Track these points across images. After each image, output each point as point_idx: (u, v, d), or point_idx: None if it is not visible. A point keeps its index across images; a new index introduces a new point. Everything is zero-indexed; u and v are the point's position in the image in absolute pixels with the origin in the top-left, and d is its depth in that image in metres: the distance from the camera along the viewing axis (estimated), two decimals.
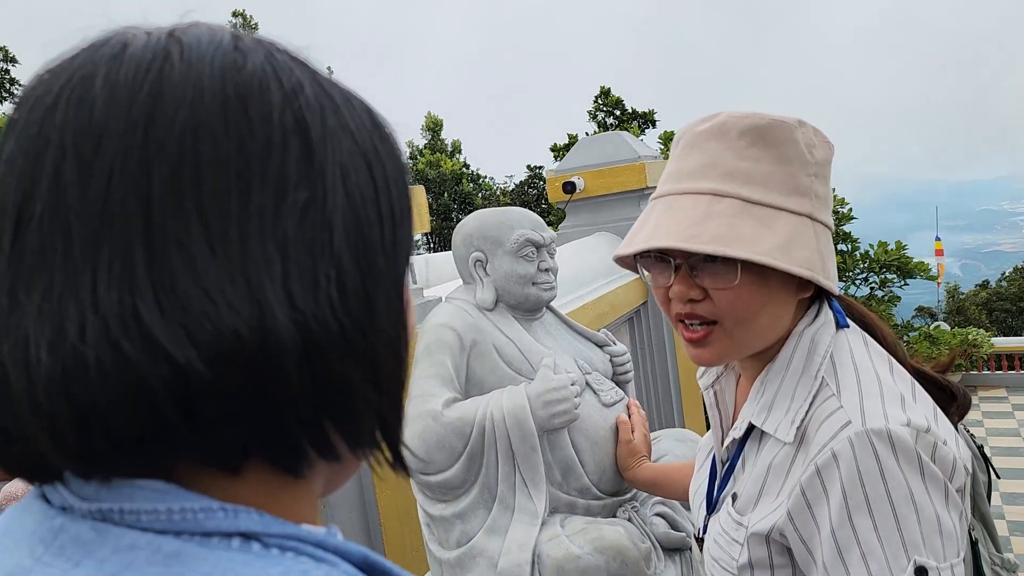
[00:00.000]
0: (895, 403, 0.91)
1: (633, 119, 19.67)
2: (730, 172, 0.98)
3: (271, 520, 0.39)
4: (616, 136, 4.83)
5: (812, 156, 0.99)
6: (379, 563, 0.42)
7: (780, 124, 0.99)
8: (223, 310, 0.36)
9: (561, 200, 4.69)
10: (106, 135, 0.37)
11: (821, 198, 1.00)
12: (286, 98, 0.41)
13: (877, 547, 0.86)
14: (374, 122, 0.47)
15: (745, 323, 0.98)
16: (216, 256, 0.37)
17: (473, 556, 1.64)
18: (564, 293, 3.52)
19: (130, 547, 0.36)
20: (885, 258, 9.15)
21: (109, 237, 0.36)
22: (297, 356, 0.38)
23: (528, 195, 19.10)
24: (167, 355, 0.35)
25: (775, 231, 0.94)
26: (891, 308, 9.47)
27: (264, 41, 0.44)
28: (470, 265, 1.84)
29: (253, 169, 0.38)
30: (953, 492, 0.88)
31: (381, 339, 0.43)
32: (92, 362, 0.35)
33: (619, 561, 1.54)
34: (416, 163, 19.95)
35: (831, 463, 0.88)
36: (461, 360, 1.73)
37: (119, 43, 0.40)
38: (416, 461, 1.64)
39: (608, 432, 1.74)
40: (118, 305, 0.35)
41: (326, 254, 0.40)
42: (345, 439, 0.42)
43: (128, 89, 0.38)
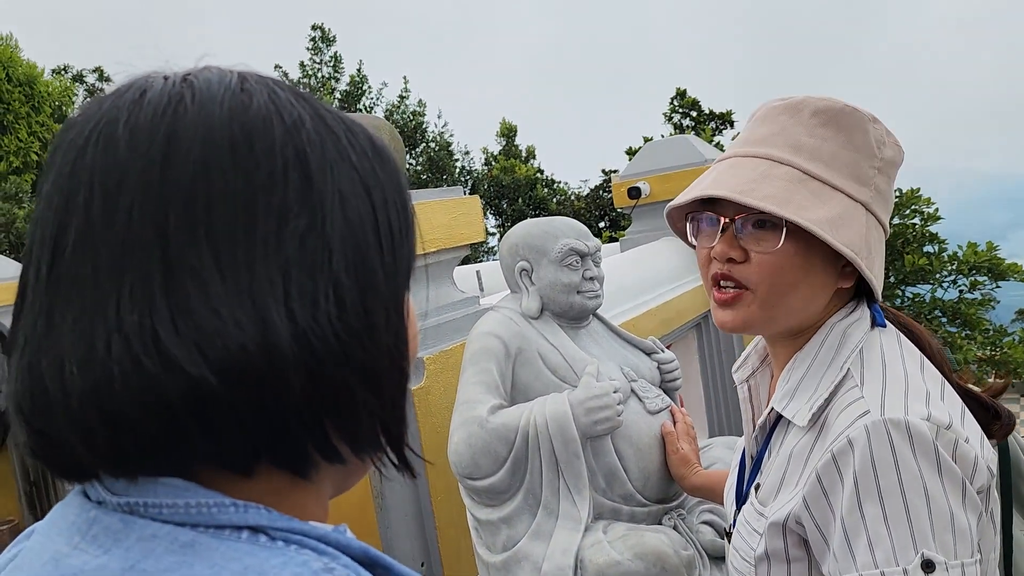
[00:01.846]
0: (918, 398, 0.90)
1: (710, 120, 19.34)
2: (796, 144, 0.99)
3: (277, 516, 0.43)
4: (683, 140, 4.78)
5: (880, 152, 1.01)
6: (380, 558, 0.47)
7: (855, 112, 1.01)
8: (231, 328, 0.41)
9: (626, 205, 4.68)
10: (128, 173, 0.42)
11: (882, 193, 1.00)
12: (288, 133, 0.45)
13: (885, 536, 0.84)
14: (375, 150, 0.51)
15: (779, 293, 0.98)
16: (225, 280, 0.41)
17: (518, 560, 1.67)
18: (628, 299, 3.51)
19: (151, 537, 0.41)
20: (975, 259, 8.74)
21: (131, 264, 0.41)
22: (299, 368, 0.42)
23: (603, 199, 18.99)
24: (182, 369, 0.40)
25: (828, 206, 0.95)
26: (983, 311, 9.04)
27: (269, 80, 0.49)
28: (516, 274, 1.88)
29: (258, 200, 0.43)
30: (972, 492, 0.87)
31: (380, 350, 0.47)
32: (117, 376, 0.40)
33: (659, 567, 1.54)
34: (491, 169, 20.11)
35: (847, 449, 0.88)
36: (507, 367, 1.77)
37: (139, 89, 0.45)
38: (461, 466, 1.68)
39: (653, 439, 1.75)
40: (139, 325, 0.40)
41: (325, 274, 0.44)
42: (348, 443, 0.47)
43: (147, 131, 0.43)
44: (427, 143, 20.86)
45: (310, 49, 21.20)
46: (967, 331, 9.00)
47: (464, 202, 2.37)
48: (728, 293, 1.01)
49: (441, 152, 20.56)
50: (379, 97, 21.38)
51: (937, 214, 9.16)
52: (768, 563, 0.98)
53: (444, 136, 21.19)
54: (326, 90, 20.29)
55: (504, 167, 19.63)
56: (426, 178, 19.95)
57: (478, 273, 5.27)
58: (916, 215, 9.20)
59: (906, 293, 9.16)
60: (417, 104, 21.09)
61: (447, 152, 20.75)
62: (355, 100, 20.59)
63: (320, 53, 21.19)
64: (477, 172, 21.31)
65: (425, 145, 20.82)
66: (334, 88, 20.78)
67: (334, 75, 21.16)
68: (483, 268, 5.74)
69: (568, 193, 20.37)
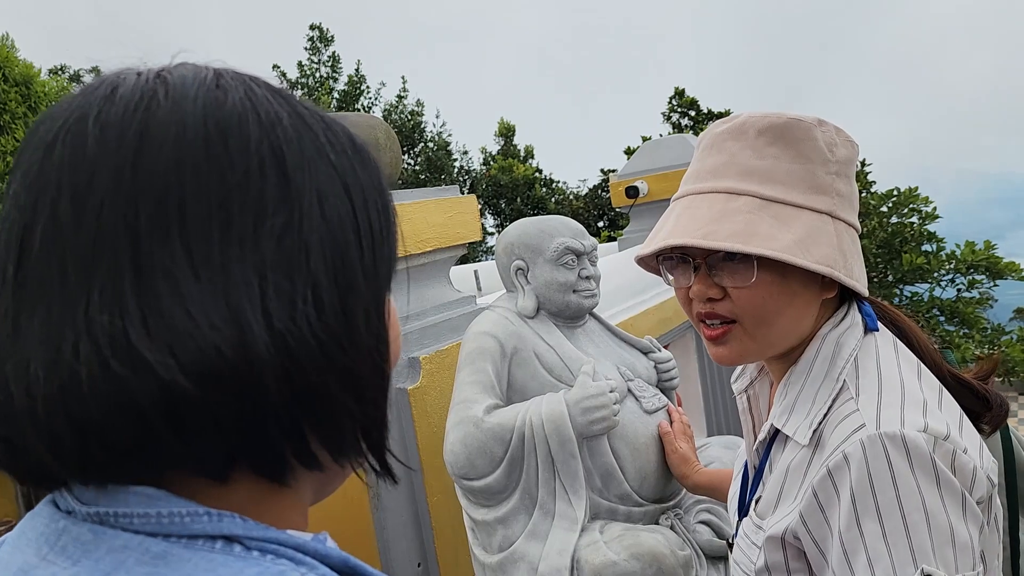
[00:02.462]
0: (915, 409, 0.89)
1: (709, 119, 19.35)
2: (748, 171, 0.98)
3: (253, 525, 0.42)
4: (680, 139, 4.78)
5: (833, 154, 0.99)
6: (360, 568, 0.45)
7: (798, 122, 0.99)
8: (205, 330, 0.39)
9: (624, 205, 4.68)
10: (97, 171, 0.40)
11: (844, 196, 0.99)
12: (263, 130, 0.44)
13: (884, 553, 0.84)
14: (354, 148, 0.49)
15: (765, 322, 0.97)
16: (199, 280, 0.40)
17: (515, 560, 1.66)
18: (626, 298, 3.51)
19: (122, 548, 0.39)
20: (972, 258, 8.73)
21: (100, 264, 0.39)
22: (276, 371, 0.40)
23: (601, 199, 18.99)
24: (153, 372, 0.38)
25: (793, 228, 0.94)
26: (981, 310, 9.04)
27: (246, 77, 0.47)
28: (511, 273, 1.87)
29: (233, 198, 0.41)
30: (972, 503, 0.85)
31: (361, 353, 0.45)
32: (85, 379, 0.38)
33: (655, 568, 1.54)
34: (489, 169, 20.10)
35: (842, 465, 0.87)
36: (503, 367, 1.76)
37: (111, 85, 0.44)
38: (457, 466, 1.67)
39: (649, 439, 1.74)
40: (108, 326, 0.38)
41: (303, 275, 0.43)
42: (327, 449, 0.45)
43: (117, 128, 0.41)
44: (425, 143, 20.86)
45: (308, 49, 21.20)
46: (965, 330, 9.00)
47: (460, 201, 2.36)
48: (717, 330, 1.00)
49: (439, 152, 20.56)
50: (377, 97, 21.39)
51: (935, 213, 9.16)
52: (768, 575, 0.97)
53: (442, 136, 21.19)
54: (324, 90, 20.28)
55: (502, 167, 19.63)
56: (424, 178, 19.94)
57: (476, 273, 5.26)
58: (914, 214, 9.20)
59: (904, 292, 9.16)
60: (415, 104, 21.09)
61: (445, 152, 20.75)
62: (353, 100, 20.59)
63: (318, 53, 21.19)
64: (475, 172, 21.30)
65: (423, 145, 20.81)
66: (332, 88, 20.77)
67: (332, 75, 21.16)
68: (481, 267, 5.73)
69: (567, 193, 20.37)
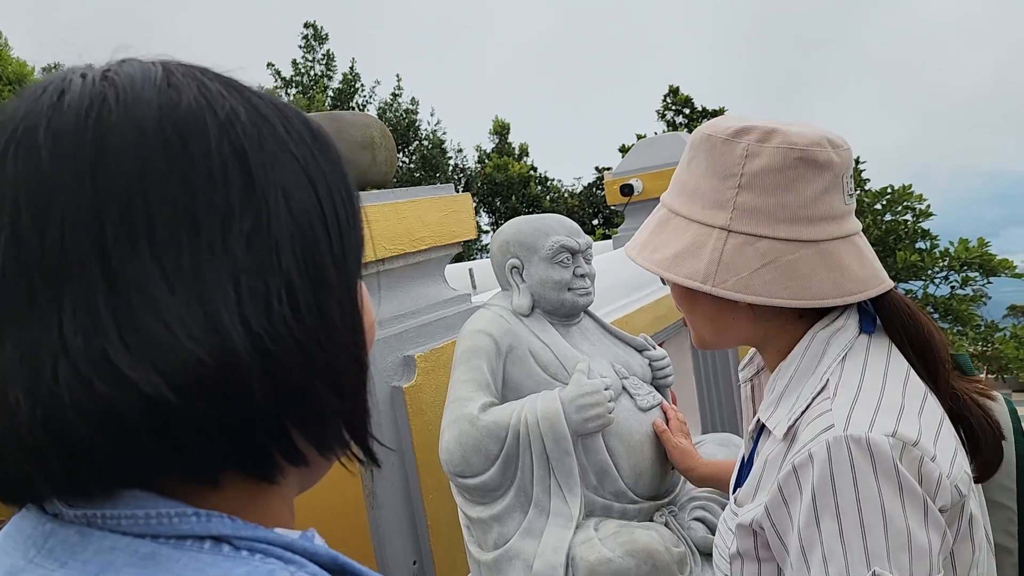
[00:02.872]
0: (889, 414, 0.90)
1: (703, 117, 19.37)
2: (676, 183, 1.08)
3: (242, 524, 0.42)
4: (674, 137, 4.79)
5: (743, 167, 0.99)
6: (349, 565, 0.45)
7: (713, 137, 1.02)
8: (185, 341, 0.39)
9: (619, 203, 4.68)
10: (55, 186, 0.39)
11: (748, 210, 0.98)
12: (222, 128, 0.43)
13: (839, 552, 0.85)
14: (313, 135, 0.48)
15: (689, 315, 1.11)
16: (173, 291, 0.39)
17: (510, 558, 1.66)
18: (620, 296, 3.51)
19: (110, 549, 0.39)
20: (966, 255, 8.75)
21: (70, 282, 0.38)
22: (259, 375, 0.40)
23: (596, 197, 19.00)
24: (137, 388, 0.38)
25: (680, 241, 1.02)
26: (975, 307, 9.07)
27: (196, 70, 0.46)
28: (506, 272, 1.87)
29: (199, 204, 0.41)
30: (934, 510, 0.86)
31: (339, 347, 0.45)
32: (68, 402, 0.38)
33: (650, 565, 1.54)
34: (484, 167, 20.08)
35: (807, 463, 0.88)
36: (498, 365, 1.76)
37: (56, 90, 0.42)
38: (452, 464, 1.67)
39: (644, 437, 1.75)
40: (85, 346, 0.38)
41: (276, 275, 0.42)
42: (313, 444, 0.45)
43: (71, 139, 0.40)
44: (420, 141, 20.84)
45: (303, 47, 21.16)
46: (959, 327, 9.03)
47: (456, 199, 2.36)
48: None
49: (434, 150, 20.55)
50: (372, 95, 21.36)
51: (929, 210, 9.17)
52: (741, 561, 0.99)
53: (437, 134, 21.17)
54: (319, 88, 20.24)
55: (497, 165, 19.62)
56: (419, 176, 19.92)
57: (471, 271, 5.26)
58: (908, 211, 9.22)
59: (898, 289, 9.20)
60: (410, 102, 21.07)
61: (440, 150, 20.73)
62: (348, 98, 20.56)
63: (313, 51, 21.15)
64: (470, 170, 21.29)
65: (418, 143, 20.79)
66: (327, 86, 20.73)
67: (327, 73, 21.13)
68: (476, 266, 5.73)
69: (562, 191, 20.37)
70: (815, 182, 0.98)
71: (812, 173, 0.98)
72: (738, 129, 1.00)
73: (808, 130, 1.00)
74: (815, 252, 0.97)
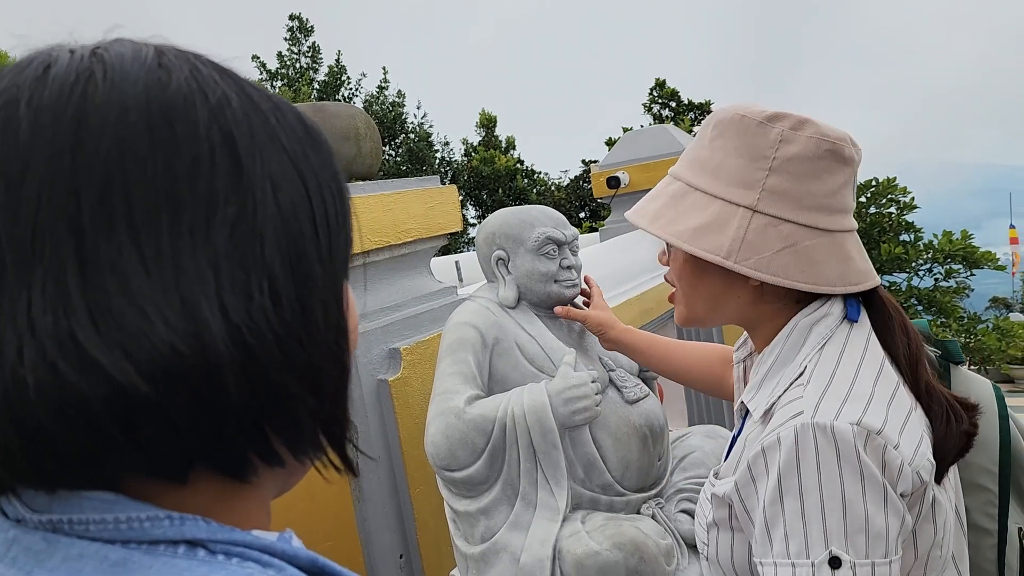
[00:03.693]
0: (856, 403, 0.94)
1: (689, 110, 19.40)
2: (693, 159, 1.09)
3: (217, 527, 0.40)
4: (661, 130, 4.79)
5: (776, 151, 1.02)
6: (328, 567, 0.44)
7: (743, 118, 1.04)
8: (159, 327, 0.37)
9: (606, 195, 4.68)
10: (32, 160, 0.37)
11: (776, 192, 1.01)
12: (212, 113, 0.41)
13: (799, 530, 0.90)
14: (306, 130, 0.47)
15: (687, 291, 1.13)
16: (150, 275, 0.37)
17: (496, 551, 1.66)
18: (607, 289, 3.51)
19: (78, 556, 0.37)
20: (950, 248, 8.82)
21: (41, 261, 0.37)
22: (234, 368, 0.39)
23: (583, 190, 19.01)
24: (105, 373, 0.36)
25: (702, 216, 1.04)
26: (958, 299, 9.14)
27: (189, 55, 0.44)
28: (492, 263, 1.86)
29: (182, 187, 0.39)
30: (894, 496, 0.90)
31: (319, 346, 0.44)
32: (32, 384, 0.36)
33: (637, 557, 1.54)
34: (471, 160, 20.04)
35: (775, 446, 0.93)
36: (484, 357, 1.75)
37: (42, 64, 0.41)
38: (439, 457, 1.66)
39: (631, 429, 1.74)
40: (53, 327, 0.36)
41: (258, 267, 0.40)
42: (287, 446, 0.43)
43: (52, 113, 0.38)
44: (407, 134, 20.76)
45: (288, 39, 21.01)
46: (942, 319, 9.10)
47: (441, 191, 2.35)
48: (672, 292, 1.19)
49: (421, 143, 20.47)
50: (358, 88, 21.24)
51: (913, 203, 9.23)
52: (717, 530, 1.05)
53: (424, 127, 21.09)
54: (304, 80, 20.11)
55: (484, 158, 19.58)
56: (406, 169, 19.86)
57: (457, 263, 5.25)
58: (892, 204, 9.27)
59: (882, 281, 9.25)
60: (396, 95, 20.97)
61: (427, 143, 20.66)
62: (334, 91, 20.45)
63: (298, 43, 21.01)
64: (457, 163, 21.24)
65: (405, 136, 20.71)
66: (312, 79, 20.61)
67: (312, 65, 21.00)
68: (462, 258, 5.72)
69: (548, 184, 20.36)
70: (838, 175, 1.03)
71: (837, 166, 1.03)
72: (773, 114, 1.03)
73: (834, 126, 1.04)
74: (829, 241, 1.02)
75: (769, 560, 0.93)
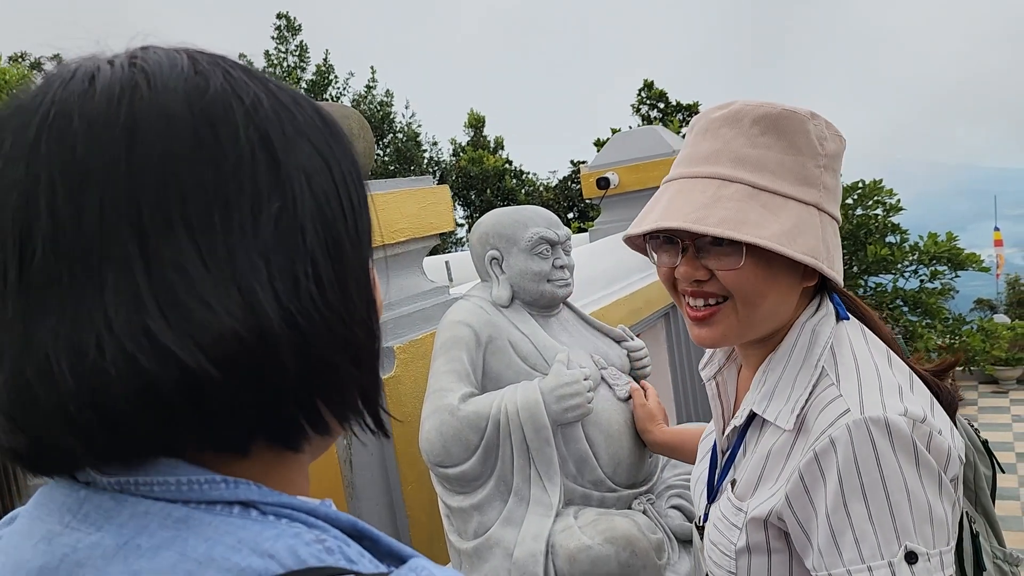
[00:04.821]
0: (893, 393, 0.93)
1: (677, 112, 19.46)
2: (740, 158, 1.00)
3: (268, 491, 0.44)
4: (650, 131, 4.81)
5: (823, 148, 1.01)
6: (367, 531, 0.48)
7: (792, 114, 1.01)
8: (222, 316, 0.41)
9: (595, 196, 4.70)
10: (91, 169, 0.41)
11: (830, 189, 1.02)
12: (248, 114, 0.45)
13: (870, 532, 0.87)
14: (324, 121, 0.51)
15: (751, 304, 1.00)
16: (209, 269, 0.41)
17: (490, 547, 1.68)
18: (597, 289, 3.53)
19: (144, 513, 0.41)
20: (935, 249, 8.89)
21: (109, 263, 0.40)
22: (290, 348, 0.43)
23: (572, 190, 19.04)
24: (179, 362, 0.40)
25: (781, 218, 0.97)
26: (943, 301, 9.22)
27: (219, 59, 0.48)
28: (486, 263, 1.88)
29: (229, 186, 0.43)
30: (947, 481, 0.90)
31: (356, 321, 0.48)
32: (113, 376, 0.40)
33: (629, 551, 1.56)
34: (459, 160, 20.03)
35: (829, 449, 0.90)
36: (477, 356, 1.78)
37: (86, 76, 0.44)
38: (433, 454, 1.68)
39: (623, 426, 1.77)
40: (128, 324, 0.40)
41: (301, 253, 0.44)
42: (334, 413, 0.48)
43: (104, 124, 0.42)
44: (395, 133, 20.72)
45: (275, 38, 20.93)
46: (927, 320, 9.17)
47: (433, 191, 2.37)
48: (703, 311, 1.03)
49: (409, 143, 20.44)
50: (346, 87, 21.19)
51: (899, 205, 9.29)
52: (749, 555, 1.00)
53: (412, 126, 21.06)
54: (292, 79, 20.04)
55: (472, 158, 19.57)
56: (394, 169, 19.82)
57: (447, 264, 5.26)
58: (879, 206, 9.34)
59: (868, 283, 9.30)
60: (384, 94, 20.94)
61: (415, 143, 20.62)
62: (321, 90, 20.38)
63: (286, 42, 20.93)
64: (445, 163, 21.21)
65: (393, 136, 20.67)
66: (300, 77, 20.54)
67: (300, 64, 20.92)
68: (452, 259, 5.73)
69: (537, 184, 20.38)
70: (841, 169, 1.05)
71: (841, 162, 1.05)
72: (802, 111, 1.02)
73: None
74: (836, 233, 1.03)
75: (840, 569, 0.88)
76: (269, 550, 0.40)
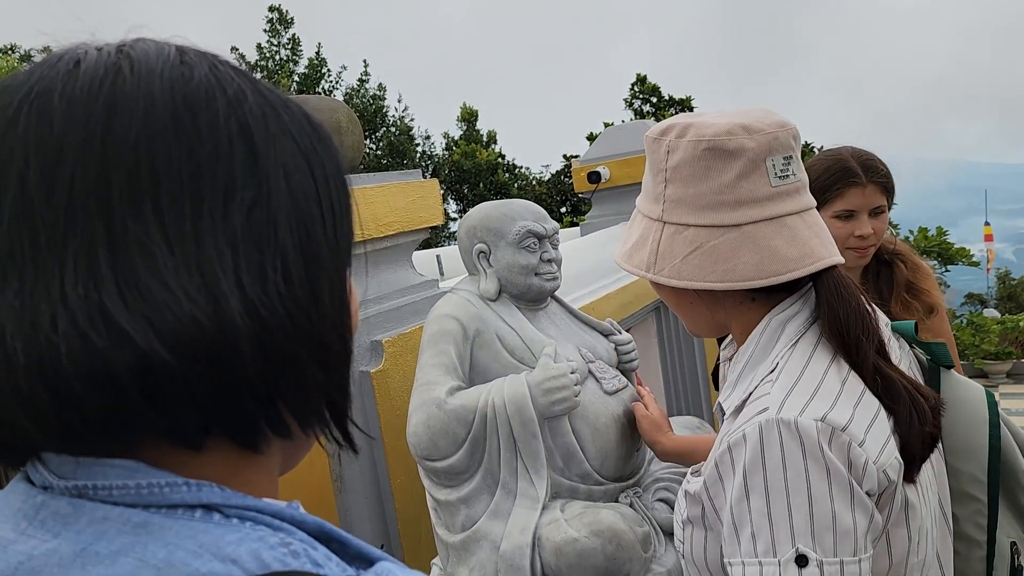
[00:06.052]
0: (823, 400, 0.93)
1: (670, 106, 19.48)
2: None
3: (231, 494, 0.43)
4: (642, 125, 4.81)
5: (667, 161, 1.05)
6: (335, 533, 0.47)
7: (648, 137, 1.09)
8: (182, 300, 0.40)
9: (587, 190, 4.70)
10: (66, 146, 0.41)
11: (674, 201, 1.04)
12: (230, 106, 0.45)
13: (766, 529, 0.90)
14: (311, 125, 0.51)
15: (676, 309, 1.15)
16: (173, 253, 0.41)
17: (477, 540, 1.68)
18: (587, 283, 3.54)
19: (103, 519, 0.40)
20: (925, 244, 8.95)
21: (73, 238, 0.40)
22: (249, 338, 0.42)
23: (564, 184, 19.04)
24: (132, 342, 0.39)
25: (637, 234, 1.10)
26: None
27: (208, 54, 0.48)
28: (474, 256, 1.88)
29: (203, 173, 0.42)
30: (861, 493, 0.90)
31: (326, 323, 0.47)
32: (64, 351, 0.39)
33: (615, 544, 1.57)
34: (452, 154, 20.00)
35: (740, 443, 0.93)
36: (465, 349, 1.78)
37: (72, 60, 0.44)
38: (420, 447, 1.69)
39: (610, 419, 1.77)
40: (84, 299, 0.39)
41: (272, 247, 0.44)
42: (295, 416, 0.47)
43: (84, 103, 0.42)
44: (387, 127, 20.67)
45: (267, 31, 20.86)
46: None
47: (423, 185, 2.36)
48: None
49: (401, 136, 20.41)
50: (338, 80, 21.12)
51: None
52: (692, 527, 1.04)
53: (404, 120, 21.02)
54: (284, 73, 19.97)
55: (465, 152, 19.56)
56: (386, 163, 19.78)
57: (438, 257, 5.26)
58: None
59: None
60: (377, 88, 20.89)
61: (408, 136, 20.59)
62: (314, 83, 20.32)
63: (278, 35, 20.86)
64: (438, 157, 21.18)
65: (385, 129, 20.63)
66: (292, 71, 20.46)
67: (292, 58, 20.85)
68: (443, 252, 5.73)
69: (529, 178, 20.36)
70: (728, 170, 1.01)
71: (722, 162, 1.01)
72: (664, 128, 1.07)
73: (722, 119, 1.03)
74: (739, 236, 1.00)
75: (737, 559, 0.92)
76: (231, 554, 0.40)
